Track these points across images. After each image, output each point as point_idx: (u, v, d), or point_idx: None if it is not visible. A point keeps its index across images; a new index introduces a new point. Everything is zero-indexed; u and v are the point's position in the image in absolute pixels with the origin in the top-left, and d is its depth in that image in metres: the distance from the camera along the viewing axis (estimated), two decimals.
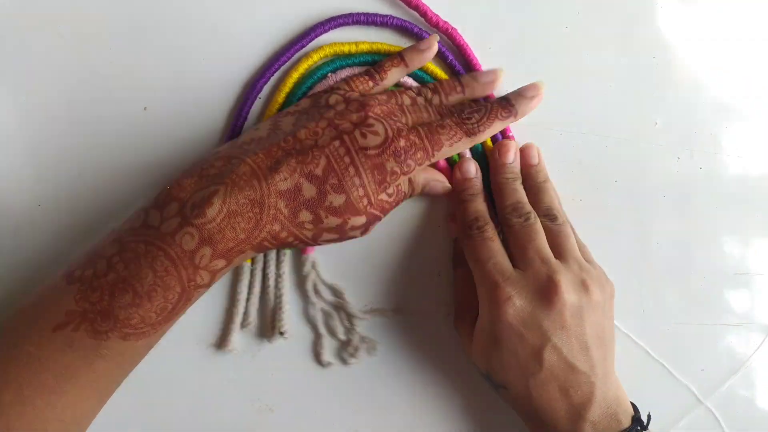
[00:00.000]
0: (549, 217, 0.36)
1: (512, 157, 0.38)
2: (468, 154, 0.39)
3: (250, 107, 0.38)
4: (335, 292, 0.39)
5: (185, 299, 0.31)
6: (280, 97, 0.38)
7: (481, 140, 0.36)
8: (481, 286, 0.35)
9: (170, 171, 0.39)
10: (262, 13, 0.38)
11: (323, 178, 0.32)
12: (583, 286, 0.34)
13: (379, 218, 0.34)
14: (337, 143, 0.32)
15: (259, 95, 0.38)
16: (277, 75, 0.38)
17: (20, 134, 0.38)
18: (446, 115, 0.36)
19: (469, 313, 0.37)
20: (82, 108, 0.38)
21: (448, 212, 0.40)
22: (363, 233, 0.35)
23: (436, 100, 0.37)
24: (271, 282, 0.39)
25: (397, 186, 0.34)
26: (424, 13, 0.38)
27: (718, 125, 0.41)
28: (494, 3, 0.40)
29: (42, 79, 0.38)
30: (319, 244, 0.34)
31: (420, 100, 0.37)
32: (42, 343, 0.29)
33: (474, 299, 0.37)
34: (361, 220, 0.33)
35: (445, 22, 0.39)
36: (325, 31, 0.38)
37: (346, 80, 0.37)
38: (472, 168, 0.38)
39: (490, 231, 0.36)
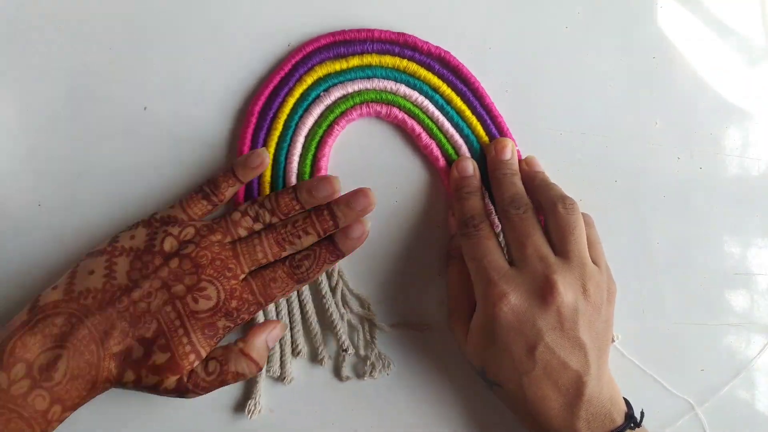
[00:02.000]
0: (564, 203, 0.36)
1: (509, 154, 0.38)
2: (467, 153, 0.39)
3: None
4: (362, 303, 0.40)
5: None
6: (279, 124, 0.38)
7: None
8: (477, 284, 0.35)
9: (170, 171, 0.39)
10: (261, 13, 0.39)
11: (152, 339, 0.33)
12: (582, 287, 0.34)
13: (193, 392, 0.34)
14: (168, 308, 0.33)
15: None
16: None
17: (20, 134, 0.38)
18: (281, 243, 0.35)
19: (463, 310, 0.37)
20: (82, 108, 0.38)
21: (447, 213, 0.40)
22: (179, 396, 0.34)
23: (274, 220, 0.36)
24: (309, 307, 0.39)
25: (222, 364, 0.34)
26: (414, 45, 0.38)
27: (718, 125, 0.41)
28: (494, 3, 0.40)
29: (42, 79, 0.38)
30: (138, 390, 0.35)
31: (257, 226, 0.36)
32: None
33: (468, 295, 0.37)
34: (172, 383, 0.34)
35: (437, 48, 0.39)
36: (306, 71, 0.38)
37: (182, 203, 0.36)
38: (470, 166, 0.38)
39: (486, 229, 0.36)
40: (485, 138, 0.39)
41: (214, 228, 0.35)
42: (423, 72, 0.39)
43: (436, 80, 0.39)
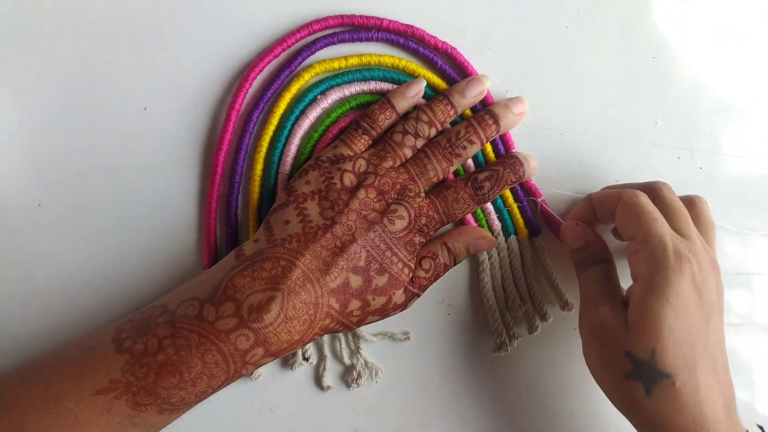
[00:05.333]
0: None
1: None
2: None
3: (249, 140, 0.38)
4: None
5: (226, 385, 0.33)
6: (274, 119, 0.38)
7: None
8: (652, 257, 0.32)
9: (170, 172, 0.39)
10: (263, 13, 0.39)
11: (366, 267, 0.34)
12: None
13: (418, 295, 0.37)
14: (372, 235, 0.35)
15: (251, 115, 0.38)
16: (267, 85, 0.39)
17: (20, 134, 0.38)
18: (448, 158, 0.37)
19: (609, 305, 0.33)
20: (82, 108, 0.38)
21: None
22: (402, 310, 0.37)
23: (433, 132, 0.37)
24: None
25: (433, 259, 0.37)
26: (421, 37, 0.38)
27: (718, 125, 0.41)
28: (494, 3, 0.40)
29: (42, 79, 0.38)
30: (360, 326, 0.36)
31: (419, 143, 0.37)
32: (82, 403, 0.30)
33: (611, 291, 0.34)
34: (401, 297, 0.36)
35: (444, 43, 0.39)
36: (312, 53, 0.38)
37: (344, 141, 0.37)
38: (579, 234, 0.37)
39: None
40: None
41: (383, 155, 0.37)
42: (422, 71, 0.39)
43: (435, 79, 0.39)
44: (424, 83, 0.38)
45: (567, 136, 0.40)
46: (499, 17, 0.40)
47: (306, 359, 0.39)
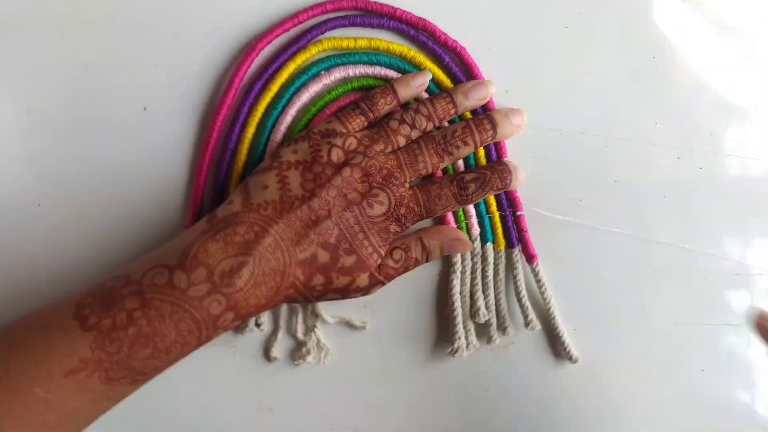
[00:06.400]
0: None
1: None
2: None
3: (247, 108, 0.38)
4: None
5: (195, 350, 0.33)
6: (275, 86, 0.38)
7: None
8: None
9: (170, 171, 0.39)
10: (263, 13, 0.39)
11: (336, 244, 0.34)
12: None
13: (382, 283, 0.37)
14: (348, 214, 0.35)
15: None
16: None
17: (20, 134, 0.38)
18: (440, 153, 0.37)
19: None
20: (81, 108, 0.38)
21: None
22: (364, 294, 0.37)
23: (430, 126, 0.37)
24: None
25: (405, 251, 0.37)
26: (432, 32, 0.38)
27: (718, 125, 0.41)
28: (494, 3, 0.40)
29: (42, 79, 0.38)
30: (320, 301, 0.37)
31: (414, 134, 0.37)
32: (51, 387, 0.29)
33: None
34: (365, 281, 0.36)
35: (454, 41, 0.39)
36: (322, 33, 0.38)
37: (339, 118, 0.37)
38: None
39: None
40: None
41: (376, 138, 0.36)
42: (429, 64, 0.38)
43: (440, 74, 0.39)
44: (430, 76, 0.38)
45: (567, 136, 0.40)
46: (498, 17, 0.40)
47: (258, 325, 0.39)
